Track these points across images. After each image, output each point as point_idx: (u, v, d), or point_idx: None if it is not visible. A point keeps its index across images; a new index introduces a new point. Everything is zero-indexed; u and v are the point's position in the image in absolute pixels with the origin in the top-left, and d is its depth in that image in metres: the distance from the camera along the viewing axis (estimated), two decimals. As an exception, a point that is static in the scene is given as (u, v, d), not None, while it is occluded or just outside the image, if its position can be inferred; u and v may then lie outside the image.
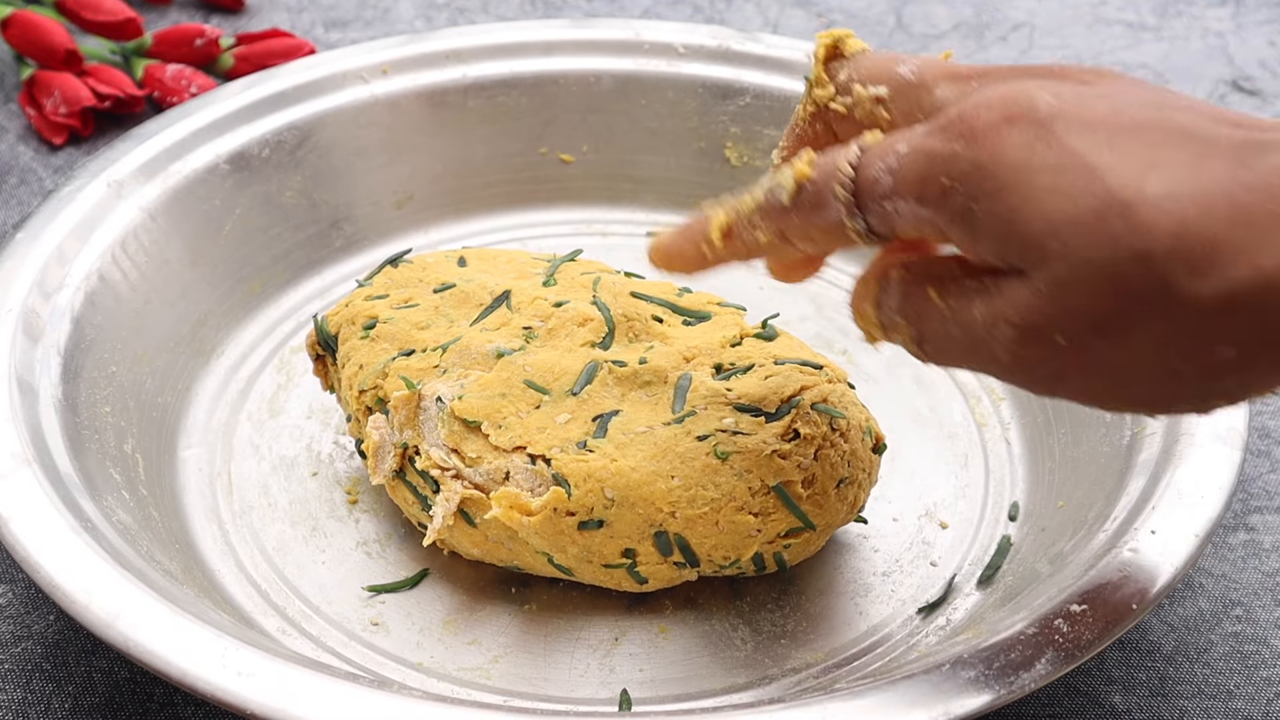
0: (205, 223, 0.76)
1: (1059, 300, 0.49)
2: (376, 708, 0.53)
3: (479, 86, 0.83)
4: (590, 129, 0.84)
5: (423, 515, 0.64)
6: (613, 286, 0.69)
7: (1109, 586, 0.58)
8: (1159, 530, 0.60)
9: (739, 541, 0.62)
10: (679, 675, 0.63)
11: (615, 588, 0.64)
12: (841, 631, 0.64)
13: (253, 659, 0.54)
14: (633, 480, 0.61)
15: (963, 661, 0.55)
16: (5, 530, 0.58)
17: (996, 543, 0.67)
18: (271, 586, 0.66)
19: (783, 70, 0.83)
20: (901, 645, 0.63)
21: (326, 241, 0.80)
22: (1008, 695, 0.54)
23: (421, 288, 0.69)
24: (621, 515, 0.61)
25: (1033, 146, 0.49)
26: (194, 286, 0.75)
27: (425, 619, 0.65)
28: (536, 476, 0.62)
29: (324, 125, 0.80)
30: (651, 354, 0.66)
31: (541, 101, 0.84)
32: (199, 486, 0.70)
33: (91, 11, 0.93)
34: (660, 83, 0.84)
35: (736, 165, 0.84)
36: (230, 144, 0.78)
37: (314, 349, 0.70)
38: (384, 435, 0.64)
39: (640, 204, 0.84)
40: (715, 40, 0.84)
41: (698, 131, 0.84)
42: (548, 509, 0.61)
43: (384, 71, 0.82)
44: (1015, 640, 0.56)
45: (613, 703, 0.62)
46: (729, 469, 0.62)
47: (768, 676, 0.63)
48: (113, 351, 0.70)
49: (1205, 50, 1.00)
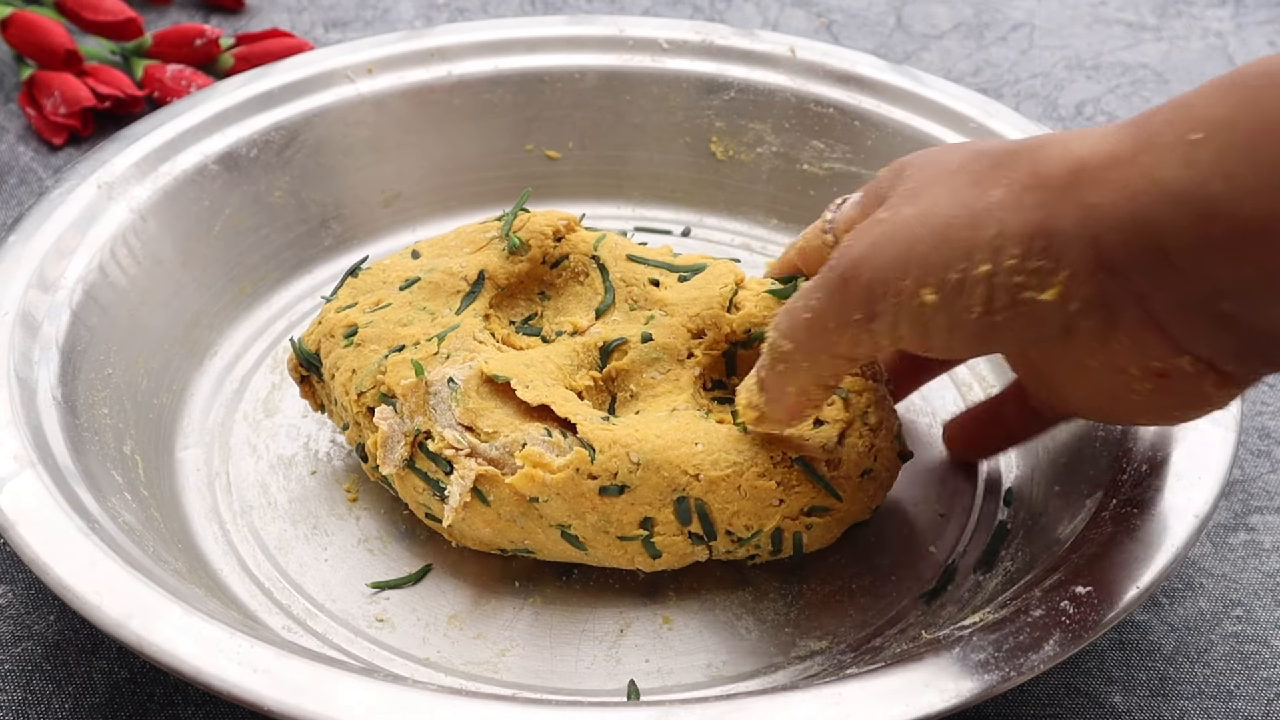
0: (196, 223, 0.76)
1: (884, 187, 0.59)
2: (393, 702, 0.53)
3: (465, 84, 0.83)
4: (576, 125, 0.84)
5: (433, 502, 0.64)
6: (614, 247, 0.70)
7: (1113, 567, 0.58)
8: (1159, 512, 0.60)
9: (761, 510, 0.63)
10: (685, 665, 0.63)
11: (627, 566, 0.64)
12: (845, 619, 0.65)
13: (268, 656, 0.54)
14: (658, 445, 0.62)
15: (972, 644, 0.56)
16: (13, 533, 0.58)
17: (994, 529, 0.68)
18: (275, 585, 0.66)
19: (767, 64, 0.84)
20: (906, 631, 0.64)
21: (316, 240, 0.80)
22: (1018, 676, 0.54)
23: (388, 288, 0.69)
24: (646, 478, 0.62)
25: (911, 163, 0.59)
26: (186, 287, 0.75)
27: (430, 614, 0.65)
28: (554, 447, 0.62)
29: (311, 125, 0.80)
30: (654, 327, 0.67)
31: (527, 98, 0.84)
32: (198, 487, 0.69)
33: (91, 11, 0.93)
34: (645, 78, 0.84)
35: (722, 159, 0.84)
36: (218, 144, 0.78)
37: (297, 371, 0.70)
38: (392, 425, 0.64)
39: (627, 199, 0.85)
40: (699, 35, 0.85)
41: (683, 126, 0.84)
42: (570, 468, 0.62)
43: (370, 70, 0.82)
44: (1023, 623, 0.56)
45: (621, 694, 0.62)
46: (752, 440, 0.63)
47: (774, 664, 0.63)
48: (108, 353, 0.70)
49: (1205, 50, 1.00)
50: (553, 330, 0.69)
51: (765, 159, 0.84)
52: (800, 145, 0.83)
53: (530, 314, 0.70)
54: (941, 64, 0.98)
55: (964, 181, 0.54)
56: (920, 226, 0.54)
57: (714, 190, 0.84)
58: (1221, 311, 0.50)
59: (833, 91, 0.83)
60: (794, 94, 0.83)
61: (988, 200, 0.53)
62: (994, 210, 0.52)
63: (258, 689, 0.53)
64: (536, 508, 0.62)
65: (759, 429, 0.63)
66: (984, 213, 0.53)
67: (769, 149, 0.84)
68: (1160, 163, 0.49)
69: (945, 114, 0.81)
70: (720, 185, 0.84)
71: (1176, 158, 0.49)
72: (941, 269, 0.53)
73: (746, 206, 0.84)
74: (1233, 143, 0.48)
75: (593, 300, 0.69)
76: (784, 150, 0.83)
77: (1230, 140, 0.48)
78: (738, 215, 0.84)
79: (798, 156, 0.83)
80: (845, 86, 0.83)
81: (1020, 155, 0.54)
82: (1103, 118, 0.94)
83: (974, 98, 0.81)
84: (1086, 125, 0.94)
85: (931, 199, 0.54)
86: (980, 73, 0.97)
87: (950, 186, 0.54)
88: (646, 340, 0.67)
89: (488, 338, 0.67)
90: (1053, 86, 0.97)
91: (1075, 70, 0.98)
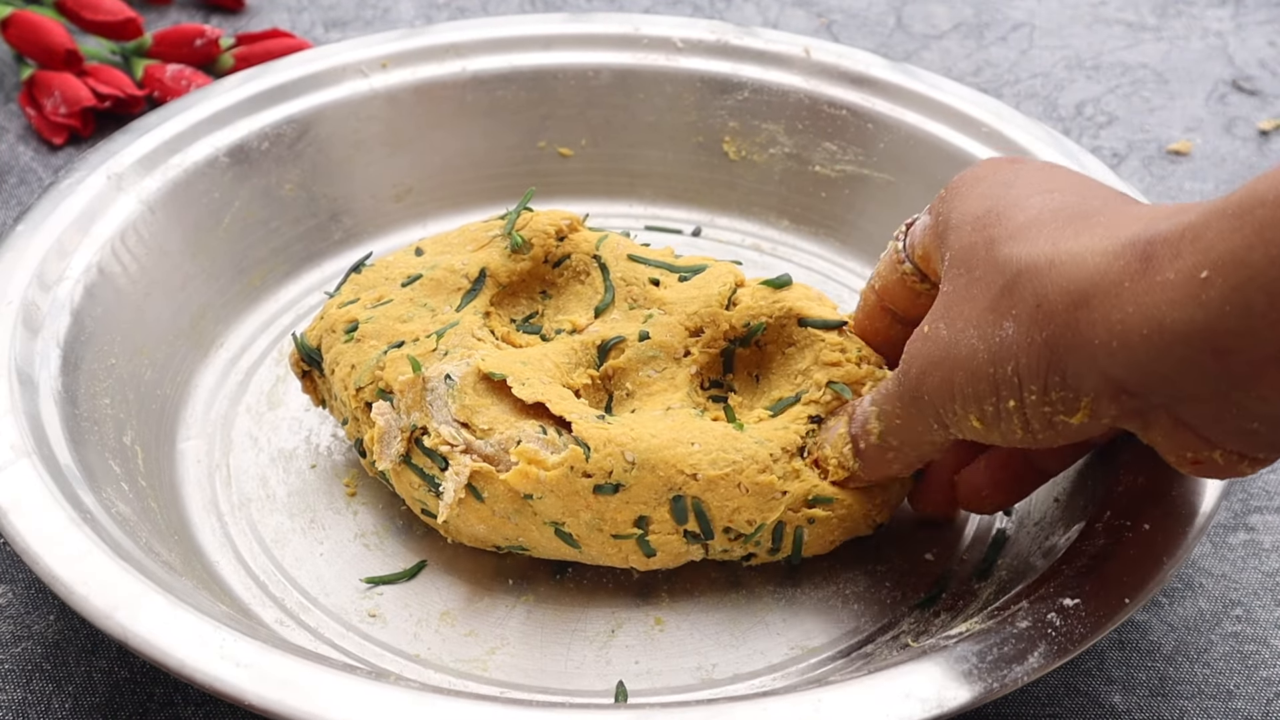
0: (205, 216, 0.77)
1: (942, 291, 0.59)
2: (373, 699, 0.54)
3: (478, 80, 0.83)
4: (589, 123, 0.84)
5: (428, 498, 0.64)
6: (615, 247, 0.70)
7: (1102, 580, 0.58)
8: (1152, 524, 0.60)
9: (764, 504, 0.63)
10: (674, 667, 0.63)
11: (621, 564, 0.64)
12: (839, 624, 0.65)
13: (251, 650, 0.55)
14: (653, 445, 0.62)
15: (956, 654, 0.55)
16: (4, 521, 0.58)
17: (992, 536, 0.68)
18: (269, 578, 0.66)
19: (780, 65, 0.84)
20: (898, 638, 0.64)
21: (325, 234, 0.81)
22: (1000, 689, 0.54)
23: (390, 285, 0.70)
24: (641, 478, 0.62)
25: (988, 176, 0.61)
26: (193, 279, 0.75)
27: (423, 611, 0.65)
28: (549, 445, 0.62)
29: (323, 119, 0.81)
30: (652, 325, 0.67)
31: (540, 95, 0.84)
32: (198, 478, 0.70)
33: (91, 11, 0.94)
34: (658, 77, 0.84)
35: (735, 159, 0.84)
36: (229, 137, 0.78)
37: (299, 366, 0.71)
38: (389, 421, 0.65)
39: (638, 198, 0.85)
40: (713, 35, 0.85)
41: (696, 126, 0.84)
42: (564, 465, 0.62)
43: (383, 65, 0.82)
44: (1008, 634, 0.56)
45: (609, 694, 0.62)
46: (749, 437, 0.63)
47: (765, 669, 0.63)
48: (112, 344, 0.70)
49: (1205, 50, 1.00)
50: (553, 329, 0.69)
51: (778, 160, 0.83)
52: (813, 147, 0.83)
53: (531, 312, 0.70)
54: (941, 64, 0.97)
55: (983, 306, 0.55)
56: (953, 359, 0.56)
57: (726, 190, 0.84)
58: (1251, 428, 0.50)
59: (846, 93, 0.83)
60: (807, 95, 0.83)
61: (1003, 335, 0.54)
62: (1009, 346, 0.54)
63: (239, 683, 0.54)
64: (531, 505, 0.62)
65: (841, 483, 0.65)
66: (1000, 349, 0.54)
67: (781, 150, 0.83)
68: (1166, 302, 0.49)
69: (958, 118, 0.80)
70: (732, 185, 0.84)
71: (1185, 296, 0.48)
72: (977, 401, 0.55)
73: (758, 207, 0.84)
74: (1248, 278, 0.47)
75: (593, 299, 0.69)
76: (796, 151, 0.83)
77: (1245, 276, 0.47)
78: (749, 216, 0.84)
79: (810, 158, 0.83)
80: (859, 88, 0.82)
81: (1025, 279, 0.54)
82: (1103, 118, 0.94)
83: (987, 101, 0.81)
84: (1087, 125, 0.93)
85: (960, 324, 0.56)
86: (980, 73, 0.97)
87: (974, 309, 0.55)
88: (644, 338, 0.67)
89: (487, 335, 0.67)
90: (1053, 86, 0.96)
91: (1075, 70, 0.98)
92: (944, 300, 0.57)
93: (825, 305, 0.68)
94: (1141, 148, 0.92)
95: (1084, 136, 0.92)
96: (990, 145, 0.79)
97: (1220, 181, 0.90)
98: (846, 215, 0.82)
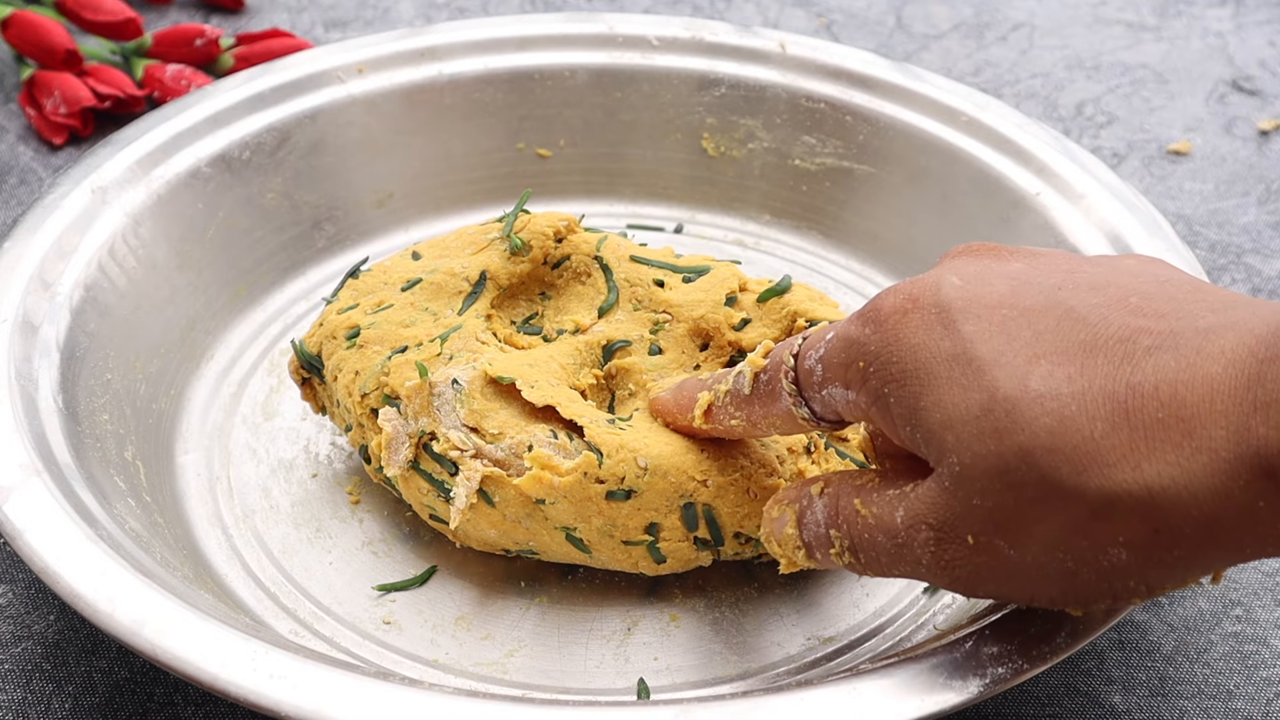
0: (190, 227, 0.76)
1: (960, 496, 0.50)
2: (409, 705, 0.53)
3: (455, 83, 0.83)
4: (567, 123, 0.84)
5: (438, 504, 0.64)
6: (616, 248, 0.70)
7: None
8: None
9: None
10: (693, 662, 0.63)
11: (631, 570, 0.64)
12: (850, 614, 0.65)
13: (284, 661, 0.54)
14: (665, 451, 0.62)
15: (985, 637, 0.56)
16: (21, 542, 0.58)
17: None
18: (280, 589, 0.65)
19: (757, 60, 0.84)
20: (910, 625, 0.64)
21: (309, 242, 0.80)
22: (1033, 668, 0.55)
23: (389, 289, 0.69)
24: (653, 484, 0.62)
25: (930, 331, 0.51)
26: (181, 291, 0.75)
27: (437, 616, 0.65)
28: (561, 450, 0.62)
29: (302, 126, 0.80)
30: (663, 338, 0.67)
31: (518, 97, 0.84)
32: (199, 492, 0.69)
33: (91, 11, 0.93)
34: (635, 75, 0.84)
35: (714, 156, 0.84)
36: (210, 147, 0.78)
37: (299, 374, 0.70)
38: (397, 426, 0.64)
39: (619, 196, 0.85)
40: (689, 32, 0.85)
41: (674, 123, 0.84)
42: (578, 471, 0.62)
43: (360, 71, 0.82)
44: (1033, 614, 0.57)
45: (630, 692, 0.62)
46: (757, 443, 0.64)
47: (784, 659, 0.63)
48: (107, 359, 0.69)
49: (1205, 50, 1.01)
50: (554, 329, 0.69)
51: (757, 155, 0.84)
52: (792, 141, 0.83)
53: (531, 314, 0.70)
54: (941, 64, 0.98)
55: (1062, 528, 0.48)
56: (1033, 575, 0.51)
57: (706, 187, 0.84)
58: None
59: (823, 87, 0.83)
60: (785, 89, 0.83)
61: (1112, 560, 0.48)
62: (1124, 568, 0.49)
63: (275, 694, 0.53)
64: (542, 510, 0.62)
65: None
66: (1113, 571, 0.49)
67: (760, 145, 0.84)
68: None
69: (936, 108, 0.81)
70: (712, 182, 0.84)
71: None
72: (1078, 602, 0.52)
73: (739, 203, 0.84)
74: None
75: (594, 299, 0.69)
76: (776, 146, 0.83)
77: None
78: (731, 211, 0.84)
79: (789, 152, 0.83)
80: (836, 81, 0.83)
81: (1123, 510, 0.47)
82: (1103, 118, 0.95)
83: (966, 91, 0.81)
84: (1087, 125, 0.94)
85: (1035, 548, 0.49)
86: (980, 73, 0.98)
87: (1048, 531, 0.49)
88: (655, 353, 0.67)
89: (490, 338, 0.67)
90: (1053, 86, 0.97)
91: (1075, 70, 0.98)
92: (987, 515, 0.50)
93: (827, 305, 0.68)
94: (1141, 148, 0.93)
95: (1084, 136, 0.93)
96: (983, 140, 0.79)
97: (1220, 182, 0.90)
98: (828, 208, 0.83)
